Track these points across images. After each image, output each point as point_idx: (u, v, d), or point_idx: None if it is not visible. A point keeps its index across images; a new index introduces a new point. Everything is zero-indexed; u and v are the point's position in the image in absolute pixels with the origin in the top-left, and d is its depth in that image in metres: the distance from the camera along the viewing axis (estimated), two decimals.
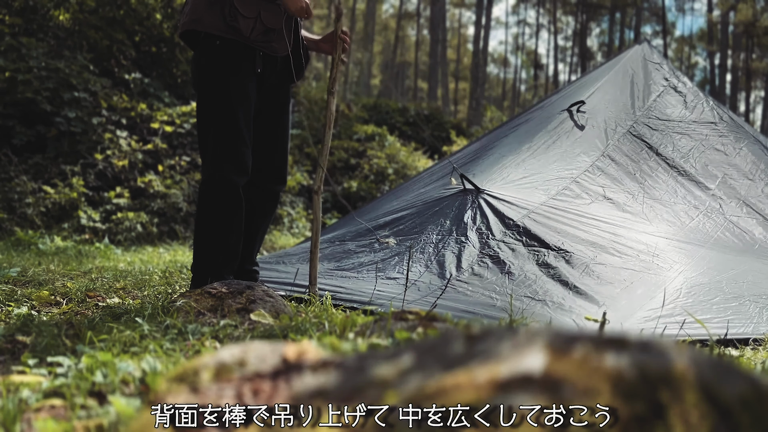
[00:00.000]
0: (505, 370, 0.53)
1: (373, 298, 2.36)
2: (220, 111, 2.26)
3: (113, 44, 7.02)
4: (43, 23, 6.77)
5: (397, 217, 3.35)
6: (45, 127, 5.95)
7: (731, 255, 2.91)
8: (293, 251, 3.70)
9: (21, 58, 6.08)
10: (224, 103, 2.25)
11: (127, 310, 1.86)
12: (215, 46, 2.25)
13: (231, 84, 2.26)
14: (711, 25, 29.32)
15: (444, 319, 1.35)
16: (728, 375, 0.53)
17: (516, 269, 2.54)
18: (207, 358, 0.76)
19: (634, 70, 4.54)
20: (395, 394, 0.54)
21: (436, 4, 21.57)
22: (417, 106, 13.44)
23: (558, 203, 3.09)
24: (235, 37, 2.24)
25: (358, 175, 9.13)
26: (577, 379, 0.50)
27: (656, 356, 0.53)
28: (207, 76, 2.28)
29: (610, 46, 33.56)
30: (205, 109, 2.31)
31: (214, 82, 2.27)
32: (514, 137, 4.12)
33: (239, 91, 2.26)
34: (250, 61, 2.29)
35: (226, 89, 2.26)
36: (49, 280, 2.86)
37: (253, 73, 2.30)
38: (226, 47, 2.25)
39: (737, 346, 2.01)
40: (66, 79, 6.10)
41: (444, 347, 0.62)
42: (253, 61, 2.29)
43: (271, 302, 1.95)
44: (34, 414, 0.97)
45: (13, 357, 1.45)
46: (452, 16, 39.95)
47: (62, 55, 6.49)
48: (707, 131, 4.19)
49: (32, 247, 4.48)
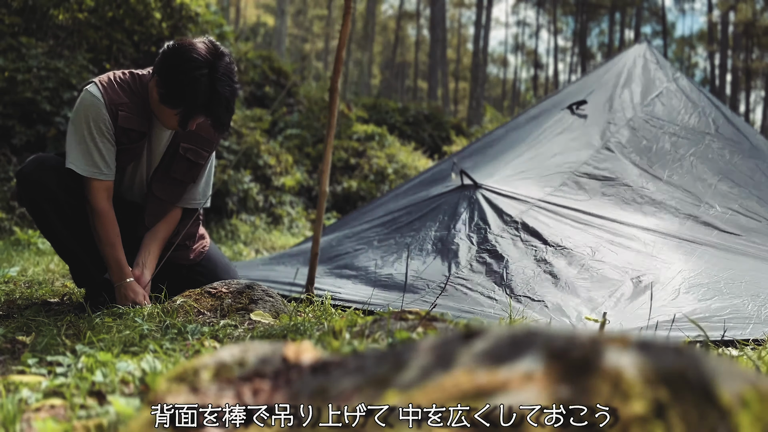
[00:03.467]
0: (505, 369, 0.53)
1: (372, 298, 2.36)
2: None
3: (113, 44, 7.02)
4: (43, 23, 6.76)
5: (396, 215, 3.35)
6: (44, 126, 5.95)
7: (729, 254, 2.91)
8: (293, 251, 3.70)
9: (20, 58, 6.08)
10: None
11: (126, 309, 1.86)
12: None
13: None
14: (711, 25, 29.32)
15: (444, 319, 1.35)
16: (728, 375, 0.54)
17: (514, 266, 2.54)
18: (207, 358, 0.76)
19: (633, 70, 4.55)
20: (395, 393, 0.54)
21: (436, 4, 21.56)
22: (417, 106, 13.43)
23: (556, 199, 3.09)
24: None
25: (358, 175, 9.13)
26: (577, 379, 0.50)
27: (656, 356, 0.53)
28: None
29: (610, 46, 33.55)
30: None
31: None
32: (514, 135, 4.13)
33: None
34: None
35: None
36: (49, 279, 2.86)
37: None
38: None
39: (737, 346, 2.01)
40: (66, 78, 6.09)
41: (444, 347, 0.62)
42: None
43: (271, 302, 1.95)
44: (33, 414, 0.97)
45: (13, 357, 1.44)
46: (452, 16, 39.95)
47: (62, 55, 6.49)
48: (705, 132, 4.19)
49: (32, 247, 4.48)
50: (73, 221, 2.05)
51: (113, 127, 2.02)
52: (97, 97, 2.00)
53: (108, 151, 2.03)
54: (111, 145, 2.04)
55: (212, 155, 2.27)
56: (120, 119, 2.02)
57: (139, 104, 2.06)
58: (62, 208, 2.02)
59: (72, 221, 2.05)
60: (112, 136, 2.03)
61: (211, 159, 2.27)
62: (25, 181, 2.00)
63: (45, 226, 2.05)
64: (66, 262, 2.14)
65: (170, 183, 2.17)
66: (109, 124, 2.01)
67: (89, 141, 2.00)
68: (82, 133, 2.00)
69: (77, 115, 2.02)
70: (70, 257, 2.12)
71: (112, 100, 2.01)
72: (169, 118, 2.00)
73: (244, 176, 7.34)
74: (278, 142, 8.92)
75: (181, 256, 2.29)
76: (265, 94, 10.20)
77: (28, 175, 2.00)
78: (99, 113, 1.99)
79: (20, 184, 2.02)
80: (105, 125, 2.01)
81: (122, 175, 2.16)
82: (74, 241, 2.07)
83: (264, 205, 7.57)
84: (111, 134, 2.03)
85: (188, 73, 1.89)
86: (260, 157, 7.88)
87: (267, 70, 10.58)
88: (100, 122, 1.99)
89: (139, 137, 2.07)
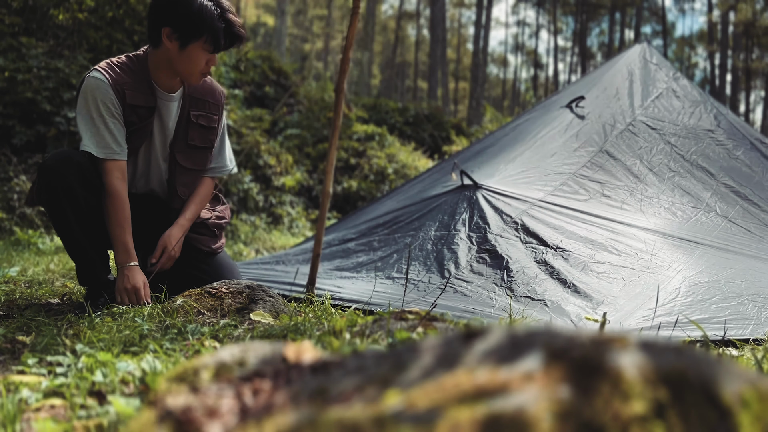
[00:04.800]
0: (506, 369, 0.53)
1: (372, 298, 2.36)
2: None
3: (113, 44, 7.02)
4: (43, 23, 6.76)
5: (396, 215, 3.35)
6: (45, 126, 5.95)
7: (729, 254, 2.91)
8: (293, 251, 3.70)
9: (21, 58, 6.08)
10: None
11: (126, 309, 1.86)
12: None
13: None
14: (711, 25, 29.32)
15: (444, 319, 1.35)
16: (728, 375, 0.54)
17: (514, 266, 2.54)
18: (207, 358, 0.76)
19: (633, 70, 4.55)
20: (396, 393, 0.54)
21: (436, 4, 21.56)
22: (417, 106, 13.43)
23: (556, 199, 3.09)
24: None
25: (358, 174, 9.14)
26: (578, 379, 0.50)
27: (656, 356, 0.53)
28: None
29: (610, 46, 33.56)
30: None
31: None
32: (514, 135, 4.13)
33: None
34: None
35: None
36: (49, 279, 2.86)
37: None
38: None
39: (737, 346, 2.01)
40: (66, 78, 6.09)
41: (444, 347, 0.62)
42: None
43: (271, 302, 1.95)
44: (33, 414, 0.97)
45: (13, 357, 1.44)
46: (452, 16, 39.97)
47: (62, 55, 6.49)
48: (705, 133, 4.19)
49: (32, 247, 4.48)
50: (87, 219, 2.07)
51: (121, 107, 2.09)
52: (102, 79, 2.06)
53: (118, 131, 2.09)
54: (120, 125, 2.10)
55: (223, 118, 2.39)
56: (127, 97, 2.09)
57: (141, 82, 2.14)
58: (80, 204, 2.04)
59: (86, 219, 2.07)
60: (120, 116, 2.10)
61: (222, 123, 2.39)
62: (47, 174, 2.02)
63: (59, 221, 2.06)
64: (73, 258, 2.15)
65: (192, 150, 2.28)
66: (116, 103, 2.08)
67: (99, 122, 2.06)
68: (91, 115, 2.06)
69: (84, 100, 2.07)
70: (78, 254, 2.13)
71: (116, 80, 2.08)
72: (196, 62, 2.10)
73: (245, 176, 7.34)
74: (278, 142, 8.92)
75: (206, 241, 2.36)
76: (265, 94, 10.20)
77: (51, 169, 2.02)
78: (106, 93, 2.06)
79: (42, 176, 2.03)
80: (113, 105, 2.07)
81: (135, 159, 2.21)
82: (85, 239, 2.09)
83: (264, 205, 7.57)
84: (119, 114, 2.09)
85: (193, 2, 2.05)
86: (260, 157, 7.89)
87: (267, 70, 10.58)
88: (108, 102, 2.06)
89: (148, 113, 2.16)
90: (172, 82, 2.20)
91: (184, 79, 2.19)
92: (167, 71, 2.16)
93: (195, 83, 2.19)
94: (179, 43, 2.07)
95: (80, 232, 2.07)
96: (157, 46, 2.12)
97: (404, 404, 0.52)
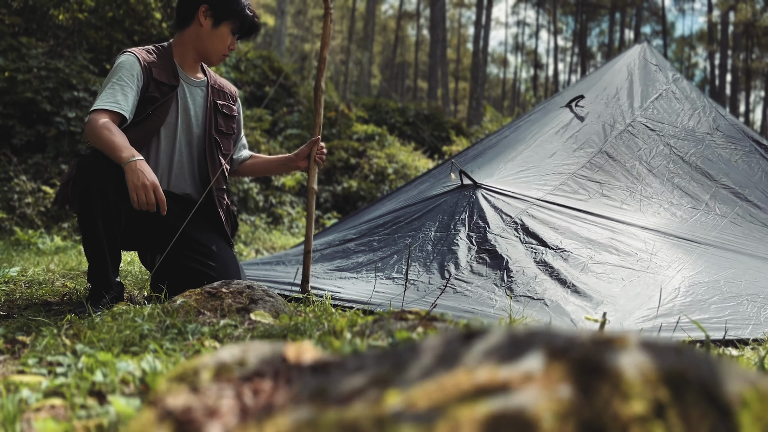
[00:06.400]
0: (506, 369, 0.53)
1: (372, 298, 2.36)
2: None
3: (113, 44, 7.02)
4: (43, 23, 6.76)
5: (396, 215, 3.35)
6: (45, 126, 5.95)
7: (729, 254, 2.91)
8: (293, 251, 3.70)
9: (21, 58, 6.07)
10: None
11: (127, 309, 1.86)
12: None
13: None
14: (711, 25, 29.32)
15: (444, 319, 1.35)
16: (728, 375, 0.54)
17: (514, 266, 2.54)
18: (207, 358, 0.76)
19: (633, 71, 4.55)
20: (396, 393, 0.54)
21: (436, 4, 21.56)
22: (417, 106, 13.43)
23: (555, 198, 3.09)
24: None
25: (358, 175, 9.13)
26: (578, 379, 0.51)
27: (656, 356, 0.53)
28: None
29: (610, 46, 33.56)
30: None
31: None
32: (514, 135, 4.13)
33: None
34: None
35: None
36: (49, 279, 2.86)
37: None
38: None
39: (737, 346, 2.01)
40: (66, 78, 6.09)
41: (444, 347, 0.62)
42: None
43: (271, 302, 1.95)
44: (34, 414, 0.97)
45: (13, 357, 1.44)
46: (452, 16, 39.97)
47: (62, 55, 6.49)
48: (705, 134, 4.19)
49: (32, 247, 4.48)
50: (112, 221, 2.11)
51: (146, 81, 2.24)
52: (131, 55, 2.25)
53: (132, 93, 2.20)
54: (135, 95, 2.21)
55: (239, 106, 2.62)
56: (154, 73, 2.27)
57: (166, 65, 2.35)
58: (109, 205, 2.08)
59: (112, 220, 2.11)
60: (139, 87, 2.23)
61: (239, 111, 2.61)
62: (87, 168, 2.05)
63: (86, 217, 2.08)
64: (88, 255, 2.16)
65: (223, 137, 2.49)
66: (141, 74, 2.23)
67: (116, 85, 2.17)
68: (111, 80, 2.19)
69: (112, 71, 2.21)
70: (95, 252, 2.14)
71: (145, 59, 2.28)
72: (223, 41, 2.35)
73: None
74: (278, 142, 8.92)
75: (220, 226, 2.46)
76: (265, 94, 10.20)
77: (92, 165, 2.06)
78: (134, 65, 2.23)
79: (81, 169, 2.06)
80: (137, 74, 2.22)
81: (158, 141, 2.31)
82: (106, 239, 2.12)
83: (264, 205, 7.57)
84: (139, 84, 2.23)
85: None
86: None
87: (267, 70, 10.58)
88: (133, 70, 2.21)
89: (169, 90, 2.32)
90: (194, 67, 2.41)
91: (207, 58, 2.39)
92: (191, 54, 2.37)
93: (215, 63, 2.41)
94: (213, 21, 2.31)
95: (103, 232, 2.10)
96: (186, 26, 2.34)
97: (404, 404, 0.52)
